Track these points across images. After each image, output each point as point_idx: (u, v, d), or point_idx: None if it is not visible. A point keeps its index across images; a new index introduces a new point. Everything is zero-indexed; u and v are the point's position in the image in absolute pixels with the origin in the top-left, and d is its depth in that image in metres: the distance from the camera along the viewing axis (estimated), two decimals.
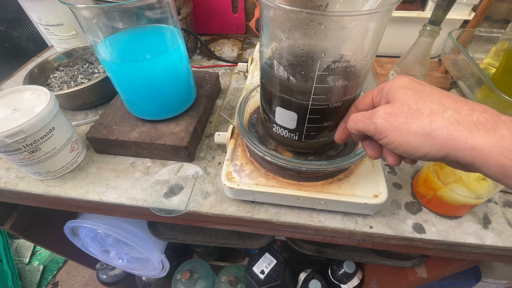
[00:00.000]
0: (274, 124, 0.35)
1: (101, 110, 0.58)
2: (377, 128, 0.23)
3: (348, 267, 0.80)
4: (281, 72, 0.30)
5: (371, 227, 0.39)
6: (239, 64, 0.62)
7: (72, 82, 0.57)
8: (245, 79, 0.67)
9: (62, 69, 0.61)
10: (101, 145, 0.48)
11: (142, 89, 0.44)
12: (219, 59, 0.75)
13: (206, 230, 0.66)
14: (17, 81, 0.69)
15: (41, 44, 1.09)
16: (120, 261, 0.79)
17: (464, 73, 0.51)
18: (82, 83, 0.56)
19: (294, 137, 0.35)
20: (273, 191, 0.37)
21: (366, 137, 0.28)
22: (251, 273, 0.77)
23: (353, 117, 0.27)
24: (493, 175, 0.19)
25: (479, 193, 0.35)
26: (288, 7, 0.24)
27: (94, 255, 0.78)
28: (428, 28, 0.43)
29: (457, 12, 0.62)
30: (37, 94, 0.42)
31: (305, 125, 0.33)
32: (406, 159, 0.25)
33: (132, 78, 0.42)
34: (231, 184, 0.38)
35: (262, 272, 0.77)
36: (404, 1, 0.65)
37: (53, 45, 0.77)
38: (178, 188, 0.44)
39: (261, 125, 0.43)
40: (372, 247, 0.44)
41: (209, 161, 0.48)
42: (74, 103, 0.56)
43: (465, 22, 0.63)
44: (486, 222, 0.40)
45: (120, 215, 0.48)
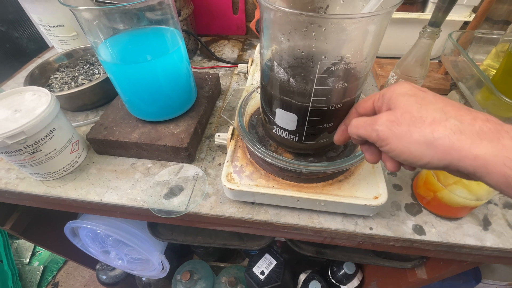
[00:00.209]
0: (274, 125, 0.35)
1: (102, 111, 0.58)
2: (379, 135, 0.23)
3: (348, 268, 0.81)
4: (281, 74, 0.30)
5: (371, 229, 0.39)
6: (240, 65, 0.62)
7: (72, 83, 0.58)
8: (246, 80, 0.67)
9: (62, 70, 0.61)
10: (101, 146, 0.48)
11: (142, 90, 0.44)
12: (220, 60, 0.75)
13: (206, 231, 0.66)
14: (17, 81, 0.69)
15: (41, 45, 1.09)
16: (120, 261, 0.79)
17: (464, 75, 0.51)
18: (82, 84, 0.56)
19: (294, 138, 0.35)
20: (273, 193, 0.37)
21: (365, 142, 0.28)
22: (251, 274, 0.77)
23: (355, 123, 0.27)
24: (496, 185, 0.19)
25: (479, 195, 0.35)
26: (288, 10, 0.24)
27: (94, 256, 0.78)
28: (428, 29, 0.43)
29: (457, 13, 0.62)
30: (38, 95, 0.43)
31: (305, 126, 0.33)
32: (405, 165, 0.25)
33: (132, 79, 0.43)
34: (231, 185, 0.38)
35: (262, 273, 0.77)
36: (404, 3, 0.65)
37: (53, 46, 0.77)
38: (178, 189, 0.44)
39: (261, 126, 0.43)
40: (372, 249, 0.44)
41: (209, 162, 0.48)
42: (74, 104, 0.56)
43: (465, 23, 0.63)
44: (486, 223, 0.40)
45: (120, 216, 0.48)
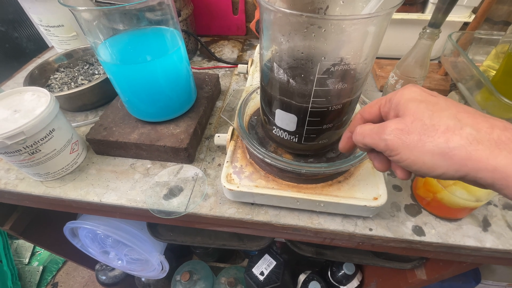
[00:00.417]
0: (274, 126, 0.35)
1: (101, 111, 0.58)
2: (388, 145, 0.22)
3: (347, 268, 0.80)
4: (281, 74, 0.30)
5: (371, 230, 0.39)
6: (239, 65, 0.62)
7: (72, 83, 0.58)
8: (245, 81, 0.67)
9: (62, 70, 0.61)
10: (101, 147, 0.48)
11: (142, 91, 0.44)
12: (219, 60, 0.75)
13: (205, 231, 0.66)
14: (17, 82, 0.69)
15: (41, 45, 1.09)
16: (119, 262, 0.79)
17: (463, 76, 0.51)
18: (82, 84, 0.56)
19: (294, 139, 0.35)
20: (273, 193, 0.37)
21: (373, 150, 0.26)
22: (251, 274, 0.77)
23: (360, 130, 0.25)
24: None
25: (478, 196, 0.35)
26: (288, 11, 0.24)
27: (93, 256, 0.78)
28: (428, 30, 0.43)
29: (457, 14, 0.62)
30: (37, 95, 0.43)
31: (305, 127, 0.33)
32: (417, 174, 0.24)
33: (132, 79, 0.42)
34: (230, 186, 0.38)
35: (261, 273, 0.77)
36: (404, 3, 0.65)
37: (53, 46, 0.77)
38: (177, 189, 0.44)
39: (261, 127, 0.43)
40: (371, 249, 0.44)
41: (208, 163, 0.48)
42: (74, 104, 0.56)
43: (465, 24, 0.63)
44: (485, 224, 0.40)
45: (120, 216, 0.48)
